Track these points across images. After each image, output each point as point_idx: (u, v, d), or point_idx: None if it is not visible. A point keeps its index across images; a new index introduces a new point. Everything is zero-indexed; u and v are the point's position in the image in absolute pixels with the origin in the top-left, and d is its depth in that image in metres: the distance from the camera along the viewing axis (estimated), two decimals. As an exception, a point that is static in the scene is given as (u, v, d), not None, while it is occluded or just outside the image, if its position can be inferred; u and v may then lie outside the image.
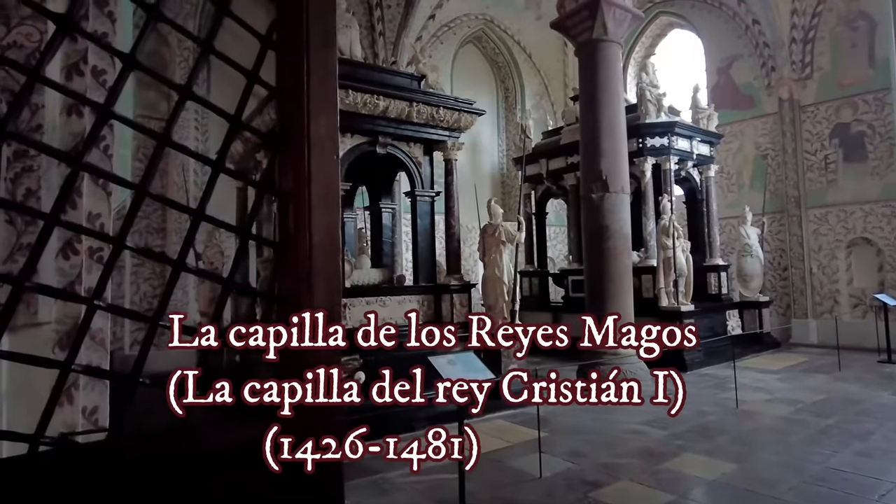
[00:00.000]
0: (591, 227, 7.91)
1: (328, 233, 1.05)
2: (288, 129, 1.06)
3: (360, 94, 6.16)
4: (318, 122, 1.07)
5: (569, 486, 4.19)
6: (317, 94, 1.07)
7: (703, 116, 10.78)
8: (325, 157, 1.07)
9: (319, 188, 1.05)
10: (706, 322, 9.65)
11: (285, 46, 1.08)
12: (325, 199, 1.06)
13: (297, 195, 1.04)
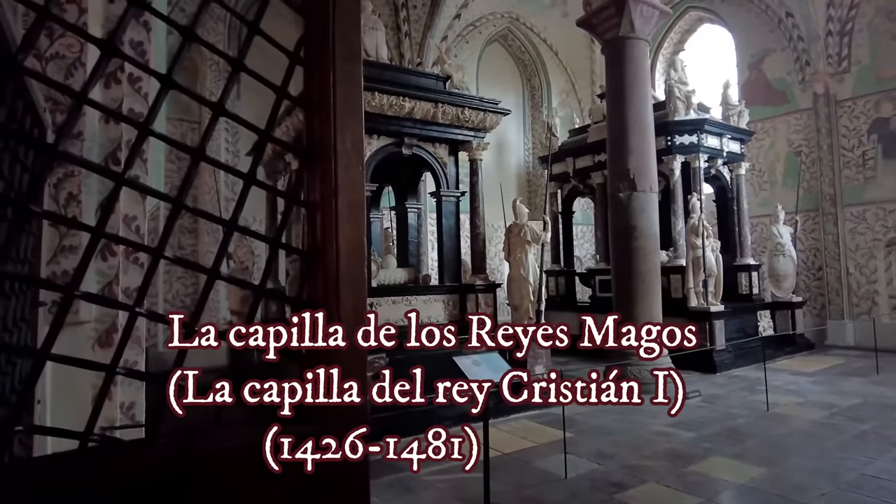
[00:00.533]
0: (618, 226, 7.84)
1: (354, 241, 1.09)
2: (315, 142, 1.10)
3: (386, 95, 6.23)
4: (344, 135, 1.11)
5: (594, 488, 4.18)
6: (343, 108, 1.11)
7: (733, 113, 10.58)
8: (351, 168, 1.11)
9: (346, 198, 1.09)
10: (736, 323, 9.49)
11: (312, 61, 1.12)
12: (351, 209, 1.10)
13: (325, 206, 1.08)
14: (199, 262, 11.03)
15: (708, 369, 8.49)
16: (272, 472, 0.97)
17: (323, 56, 1.12)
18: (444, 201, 7.06)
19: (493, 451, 5.05)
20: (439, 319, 6.77)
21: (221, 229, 1.02)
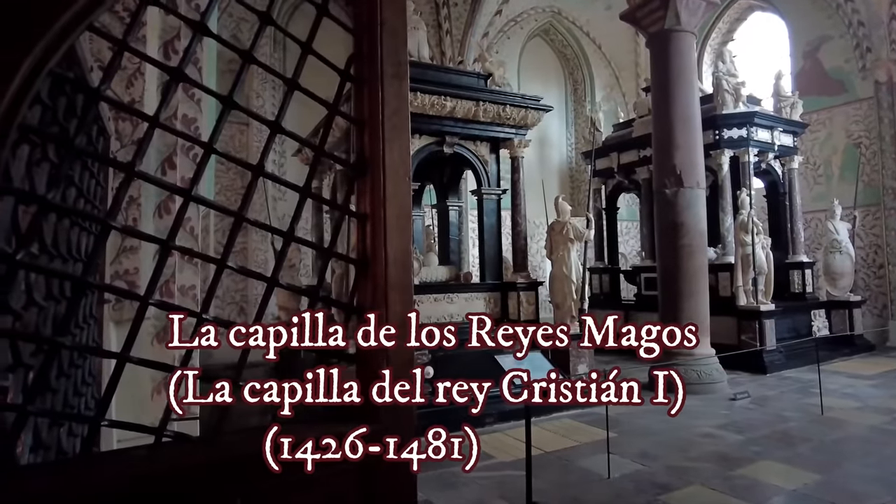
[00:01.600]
0: (664, 223, 7.69)
1: (402, 250, 1.15)
2: (365, 156, 1.16)
3: (428, 95, 6.28)
4: (392, 149, 1.16)
5: (638, 489, 4.14)
6: (391, 123, 1.16)
7: (786, 104, 10.18)
8: (398, 181, 1.16)
9: (394, 210, 1.15)
10: (788, 322, 9.16)
11: (362, 78, 1.18)
12: (398, 220, 1.15)
13: (374, 216, 1.14)
14: (249, 259, 11.35)
15: (758, 370, 8.25)
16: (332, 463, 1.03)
17: (372, 73, 1.17)
18: (485, 199, 7.08)
19: (536, 449, 5.06)
20: (481, 317, 6.80)
21: (270, 228, 1.10)
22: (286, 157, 11.50)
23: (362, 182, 1.16)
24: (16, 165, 1.39)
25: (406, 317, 1.13)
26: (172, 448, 0.91)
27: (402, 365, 1.12)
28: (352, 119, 1.16)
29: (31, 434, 1.58)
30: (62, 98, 2.08)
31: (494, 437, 5.55)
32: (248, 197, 1.07)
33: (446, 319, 6.58)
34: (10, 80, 0.79)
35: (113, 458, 0.95)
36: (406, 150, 1.18)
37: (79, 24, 0.86)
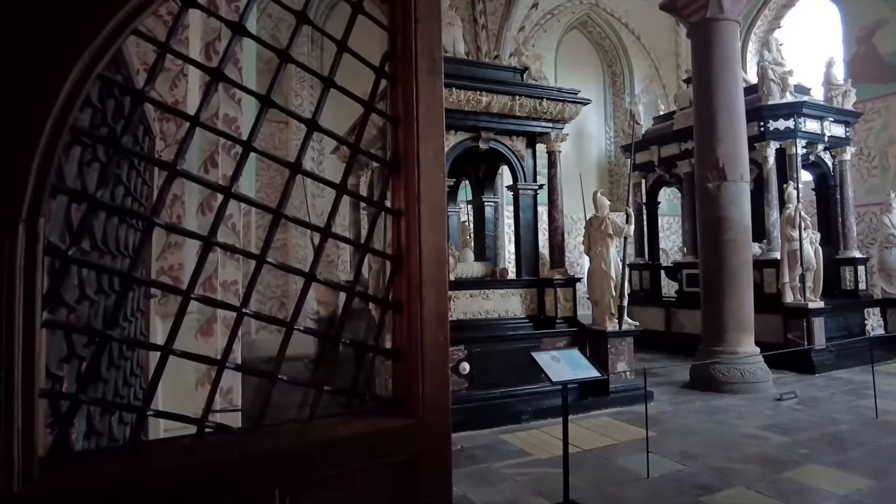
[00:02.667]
0: (706, 218, 7.49)
1: (436, 246, 1.15)
2: (400, 153, 1.16)
3: (463, 91, 6.27)
4: (426, 146, 1.16)
5: (678, 489, 4.06)
6: (426, 120, 1.17)
7: (837, 93, 9.74)
8: (433, 177, 1.16)
9: (428, 206, 1.15)
10: (839, 321, 8.79)
11: (396, 76, 1.19)
12: (433, 216, 1.15)
13: (409, 213, 1.15)
14: (290, 255, 11.60)
15: (806, 370, 7.95)
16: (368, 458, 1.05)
17: (406, 71, 1.18)
18: (521, 194, 7.03)
19: (574, 447, 5.01)
20: (517, 313, 6.77)
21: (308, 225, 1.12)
22: (325, 155, 11.65)
23: (397, 179, 1.17)
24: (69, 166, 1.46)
25: (440, 312, 1.14)
26: (212, 439, 0.94)
27: (437, 360, 1.13)
28: (387, 116, 1.17)
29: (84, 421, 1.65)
30: (111, 100, 2.16)
31: (531, 433, 5.52)
32: (287, 194, 1.09)
33: (482, 315, 6.57)
34: (62, 84, 0.82)
35: (156, 447, 0.98)
36: (440, 147, 1.18)
37: (124, 28, 0.90)
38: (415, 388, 1.10)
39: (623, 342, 6.60)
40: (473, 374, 6.09)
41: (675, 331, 10.36)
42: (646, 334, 9.97)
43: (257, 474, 0.92)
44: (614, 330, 6.53)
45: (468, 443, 5.28)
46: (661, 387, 7.31)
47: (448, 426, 1.13)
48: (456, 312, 6.45)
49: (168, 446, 0.94)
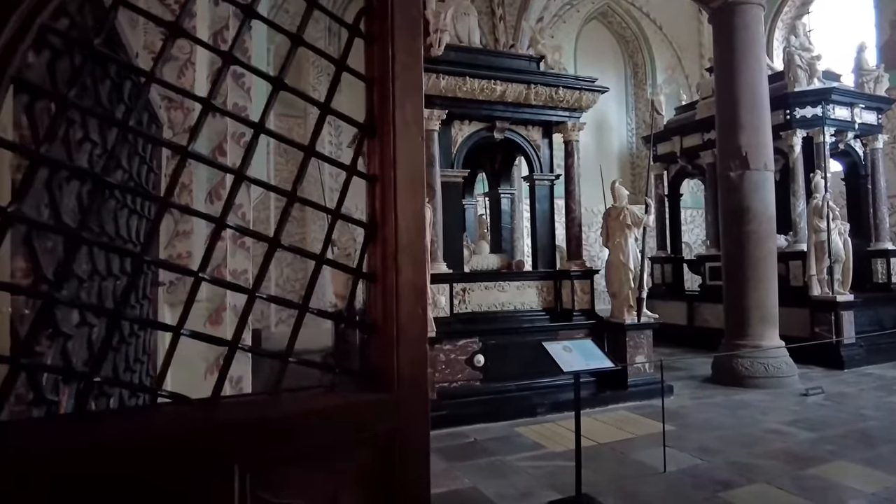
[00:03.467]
0: (729, 208, 7.28)
1: (414, 214, 1.08)
2: (375, 115, 1.10)
3: (477, 80, 6.18)
4: (403, 108, 1.10)
5: (695, 484, 3.94)
6: (402, 81, 1.10)
7: (869, 79, 9.39)
8: (410, 141, 1.10)
9: (406, 172, 1.09)
10: (870, 314, 8.48)
11: (372, 34, 1.12)
12: (411, 182, 1.09)
13: (384, 178, 1.08)
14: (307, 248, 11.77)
15: (834, 365, 7.69)
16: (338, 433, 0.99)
17: (382, 28, 1.11)
18: (537, 185, 6.92)
19: (589, 440, 4.93)
20: (533, 306, 6.67)
21: (327, 218, 1.07)
22: (342, 150, 11.66)
23: (372, 142, 1.10)
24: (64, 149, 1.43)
25: (418, 282, 1.07)
26: (168, 410, 0.89)
27: (414, 333, 1.06)
28: (360, 76, 1.11)
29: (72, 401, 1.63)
30: (107, 81, 2.14)
31: (546, 426, 5.44)
32: (300, 177, 1.04)
33: (497, 308, 6.49)
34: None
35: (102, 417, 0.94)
36: (419, 110, 1.11)
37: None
38: (390, 361, 1.04)
39: (642, 335, 6.46)
40: (488, 366, 6.02)
41: (698, 325, 10.14)
42: (668, 328, 9.80)
43: (214, 447, 0.86)
44: (633, 323, 6.39)
45: (482, 435, 5.22)
46: (682, 381, 7.15)
47: (425, 402, 1.07)
48: (471, 305, 6.39)
49: (116, 416, 0.90)
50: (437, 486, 4.02)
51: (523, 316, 6.57)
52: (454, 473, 4.28)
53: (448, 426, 5.36)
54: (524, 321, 6.50)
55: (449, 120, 6.35)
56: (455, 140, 6.51)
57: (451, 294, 6.17)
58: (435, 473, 4.31)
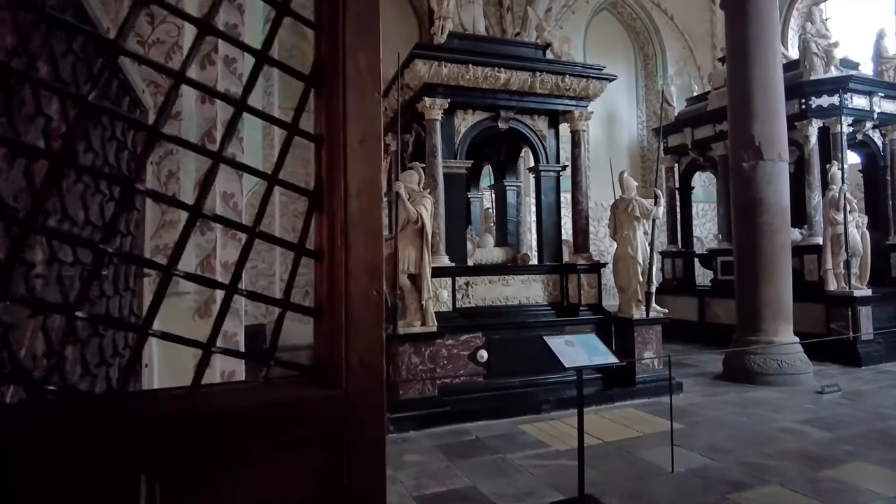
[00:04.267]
0: (741, 200, 7.06)
1: (367, 180, 0.93)
2: (322, 65, 0.95)
3: (481, 68, 6.01)
4: (356, 58, 0.95)
5: (705, 485, 3.76)
6: (355, 26, 0.95)
7: (889, 67, 9.09)
8: (364, 96, 0.95)
9: (357, 131, 0.93)
10: (889, 310, 8.22)
11: (322, -26, 0.97)
12: (364, 144, 0.94)
13: (332, 139, 0.93)
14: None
15: (851, 362, 7.45)
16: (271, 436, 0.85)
17: (332, -34, 0.96)
18: (543, 177, 6.74)
19: (594, 438, 4.77)
20: (538, 300, 6.51)
21: None
22: (347, 143, 11.54)
23: (319, 97, 0.95)
24: None
25: (372, 260, 0.92)
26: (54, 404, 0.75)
27: (367, 319, 0.91)
28: (307, 21, 0.96)
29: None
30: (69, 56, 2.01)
31: (551, 424, 5.28)
32: (283, 158, 0.90)
33: (501, 302, 6.33)
34: None
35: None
36: (375, 62, 0.96)
37: None
38: (337, 352, 0.89)
39: (650, 330, 6.27)
40: (492, 362, 5.87)
41: (709, 321, 9.91)
42: (678, 324, 9.58)
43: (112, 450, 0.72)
44: (641, 317, 6.21)
45: (485, 433, 5.07)
46: (693, 378, 6.95)
47: (381, 401, 0.91)
48: (474, 299, 6.24)
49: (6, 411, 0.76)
50: (436, 486, 3.88)
51: (528, 311, 6.41)
52: (454, 472, 4.14)
53: (450, 423, 5.22)
54: (529, 316, 6.33)
55: (452, 109, 6.18)
56: (458, 130, 6.34)
57: (453, 288, 6.02)
58: (435, 471, 4.19)
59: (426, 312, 5.34)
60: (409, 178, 5.44)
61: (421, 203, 5.32)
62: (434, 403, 5.29)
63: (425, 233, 5.31)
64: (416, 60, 5.83)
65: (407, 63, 5.99)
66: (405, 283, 5.37)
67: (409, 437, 4.96)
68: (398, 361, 5.27)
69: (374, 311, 0.92)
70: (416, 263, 5.33)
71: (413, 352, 5.28)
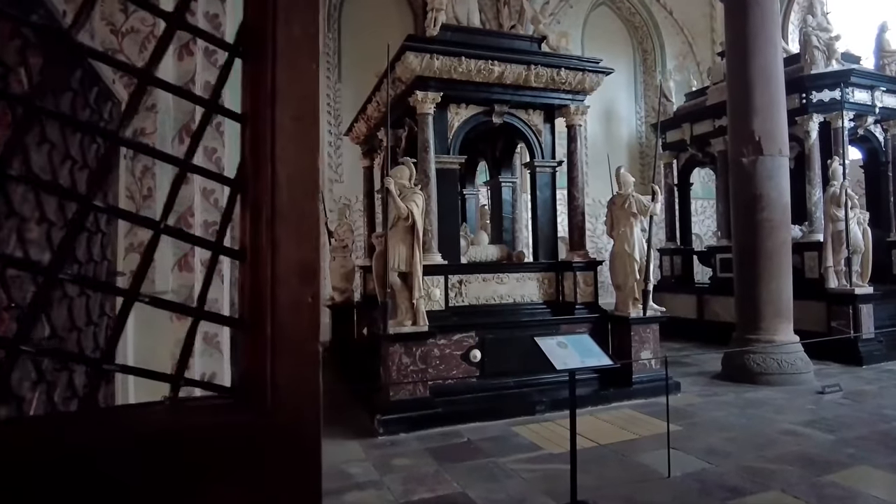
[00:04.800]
0: (741, 196, 6.92)
1: (301, 166, 0.79)
2: (250, 32, 0.80)
3: (474, 60, 5.85)
4: (290, 24, 0.80)
5: (702, 491, 3.63)
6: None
7: (891, 61, 8.95)
8: (298, 66, 0.80)
9: (289, 108, 0.79)
10: (891, 308, 8.09)
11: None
12: (297, 122, 0.79)
13: (258, 117, 0.79)
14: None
15: (852, 361, 7.32)
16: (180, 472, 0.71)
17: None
18: (538, 172, 6.59)
19: (590, 441, 4.64)
20: (533, 299, 6.37)
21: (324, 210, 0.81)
22: (342, 140, 11.35)
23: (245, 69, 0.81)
24: None
25: (306, 261, 0.78)
26: None
27: (298, 330, 0.77)
28: (229, -21, 0.81)
29: None
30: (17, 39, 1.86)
31: (545, 426, 5.14)
32: (195, 143, 0.77)
33: (495, 301, 6.19)
34: None
35: None
36: (311, 25, 0.82)
37: None
38: (261, 369, 0.75)
39: (648, 329, 6.13)
40: (485, 361, 5.73)
41: (709, 319, 9.78)
42: (677, 323, 9.47)
43: None
44: (638, 316, 6.07)
45: (477, 435, 4.94)
46: (691, 377, 6.82)
47: (316, 429, 0.77)
48: (468, 297, 6.10)
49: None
50: (424, 491, 3.75)
51: (523, 309, 6.27)
52: (443, 477, 4.01)
53: (441, 425, 5.09)
54: (524, 314, 6.20)
55: (444, 103, 6.03)
56: (451, 124, 6.19)
57: (446, 286, 5.88)
58: (424, 476, 4.06)
59: (417, 311, 5.20)
60: (399, 174, 5.30)
61: (412, 199, 5.18)
62: (425, 405, 5.15)
63: (416, 230, 5.16)
64: (407, 53, 5.68)
65: (398, 56, 5.84)
66: (396, 282, 5.23)
67: (399, 440, 4.82)
68: (388, 362, 5.13)
69: (307, 321, 0.78)
70: (406, 261, 5.19)
71: (404, 352, 5.14)
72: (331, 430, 5.20)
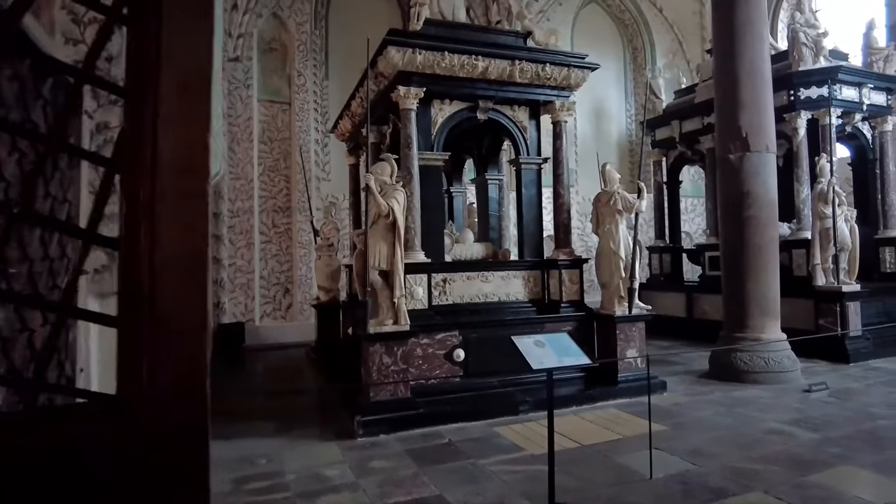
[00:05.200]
0: (728, 193, 6.86)
1: (188, 143, 0.70)
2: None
3: (457, 55, 5.76)
4: (178, -20, 0.71)
5: (685, 493, 3.56)
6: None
7: (878, 58, 8.91)
8: (187, 32, 0.71)
9: (175, 77, 0.70)
10: (878, 306, 8.07)
11: None
12: (183, 94, 0.70)
13: (140, 87, 0.69)
14: (294, 239, 11.16)
15: (839, 358, 7.29)
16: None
17: None
18: (524, 169, 6.51)
19: (572, 442, 4.57)
20: (518, 297, 6.29)
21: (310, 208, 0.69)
22: (330, 138, 11.23)
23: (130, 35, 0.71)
24: None
25: (192, 249, 0.69)
26: None
27: (182, 328, 0.68)
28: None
29: None
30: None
31: (527, 426, 5.06)
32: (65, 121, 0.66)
33: (480, 299, 6.10)
34: None
35: None
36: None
37: None
38: (137, 375, 0.66)
39: (633, 328, 6.06)
40: (469, 361, 5.65)
41: (697, 317, 9.75)
42: (666, 321, 9.44)
43: None
44: (623, 314, 5.99)
45: (459, 436, 4.86)
46: (678, 376, 6.76)
47: (202, 441, 0.68)
48: (451, 296, 6.01)
49: None
50: (401, 494, 3.66)
51: (508, 308, 6.18)
52: (422, 479, 3.92)
53: (423, 426, 5.00)
54: (509, 313, 6.11)
55: (428, 99, 5.93)
56: (435, 121, 6.09)
57: (429, 285, 5.79)
58: (401, 479, 3.96)
59: (398, 310, 5.10)
60: (380, 171, 5.20)
61: (393, 196, 5.08)
62: (406, 405, 5.06)
63: (397, 227, 5.07)
64: (388, 48, 5.58)
65: (380, 51, 5.74)
66: (376, 281, 5.13)
67: (379, 442, 4.73)
68: (369, 362, 5.04)
69: (192, 320, 0.68)
70: (387, 259, 5.09)
71: (384, 352, 5.05)
72: (310, 432, 5.10)
